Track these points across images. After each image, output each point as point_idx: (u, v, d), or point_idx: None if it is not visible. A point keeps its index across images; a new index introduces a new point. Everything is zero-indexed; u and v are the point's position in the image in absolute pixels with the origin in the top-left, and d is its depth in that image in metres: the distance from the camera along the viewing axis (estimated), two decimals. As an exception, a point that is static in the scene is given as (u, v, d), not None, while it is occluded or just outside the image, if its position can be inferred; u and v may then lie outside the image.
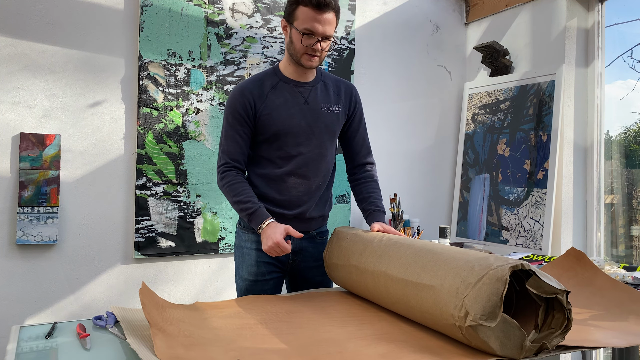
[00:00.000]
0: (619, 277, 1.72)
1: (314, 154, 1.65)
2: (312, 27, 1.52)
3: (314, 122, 1.64)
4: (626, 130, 2.65)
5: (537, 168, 2.65)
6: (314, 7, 1.50)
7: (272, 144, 1.62)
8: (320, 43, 1.55)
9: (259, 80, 1.64)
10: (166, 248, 2.37)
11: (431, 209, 3.15)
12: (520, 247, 2.68)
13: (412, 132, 3.08)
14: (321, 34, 1.53)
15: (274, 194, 1.64)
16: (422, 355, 1.05)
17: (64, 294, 2.19)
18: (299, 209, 1.66)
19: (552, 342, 1.04)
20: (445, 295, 1.07)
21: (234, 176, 1.59)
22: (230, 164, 1.60)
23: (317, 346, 1.11)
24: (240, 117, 1.59)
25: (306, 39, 1.54)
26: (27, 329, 1.28)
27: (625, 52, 2.57)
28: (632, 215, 2.61)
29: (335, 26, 1.56)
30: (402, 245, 1.33)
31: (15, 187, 2.10)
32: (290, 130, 1.61)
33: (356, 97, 1.75)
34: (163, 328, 1.13)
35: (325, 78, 1.72)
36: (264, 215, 1.55)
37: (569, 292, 1.03)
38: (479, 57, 3.09)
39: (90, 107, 2.24)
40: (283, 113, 1.61)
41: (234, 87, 1.62)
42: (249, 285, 1.68)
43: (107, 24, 2.27)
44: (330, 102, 1.68)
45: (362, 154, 1.77)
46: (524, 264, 1.01)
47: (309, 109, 1.64)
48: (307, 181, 1.66)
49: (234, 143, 1.61)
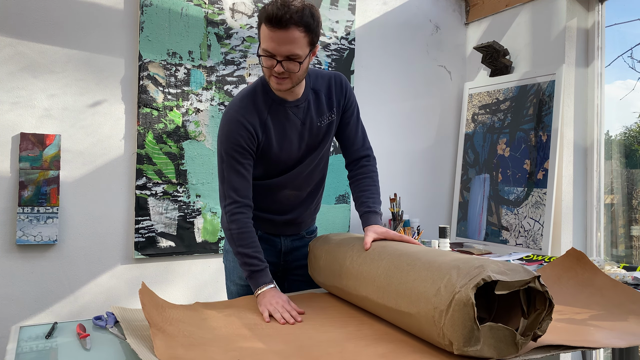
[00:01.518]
0: (619, 277, 1.72)
1: (309, 168, 1.59)
2: (267, 46, 1.34)
3: (312, 142, 1.56)
4: (627, 130, 2.64)
5: (537, 168, 2.65)
6: (268, 25, 1.32)
7: (268, 165, 1.54)
8: (283, 65, 1.35)
9: (252, 103, 1.48)
10: (166, 248, 2.37)
11: (431, 209, 3.15)
12: (520, 247, 2.68)
13: (412, 132, 3.08)
14: (281, 54, 1.34)
15: (265, 203, 1.60)
16: (422, 355, 1.05)
17: (64, 294, 2.20)
18: (290, 216, 1.63)
19: (542, 327, 1.04)
20: (425, 324, 1.06)
21: (245, 223, 1.46)
22: (240, 203, 1.46)
23: (317, 346, 1.11)
24: (243, 150, 1.46)
25: (265, 60, 1.37)
26: (27, 329, 1.28)
27: (625, 52, 2.57)
28: (632, 215, 2.61)
29: (305, 44, 1.36)
30: (373, 262, 1.30)
31: (15, 187, 2.10)
32: (289, 157, 1.54)
33: (346, 88, 1.60)
34: (163, 328, 1.13)
35: (315, 84, 1.56)
36: (266, 277, 1.44)
37: (539, 276, 1.03)
38: (479, 57, 3.09)
39: (90, 107, 2.24)
40: (283, 143, 1.51)
41: (229, 115, 1.47)
42: (240, 289, 1.63)
43: (107, 24, 2.27)
44: (324, 112, 1.56)
45: (356, 147, 1.64)
46: (485, 277, 0.99)
47: (306, 129, 1.54)
48: (300, 192, 1.61)
49: (240, 178, 1.47)
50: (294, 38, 1.33)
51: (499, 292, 1.00)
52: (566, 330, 1.20)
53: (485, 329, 0.99)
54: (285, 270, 1.71)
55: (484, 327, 0.99)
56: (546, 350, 1.06)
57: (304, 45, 1.36)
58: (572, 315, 1.33)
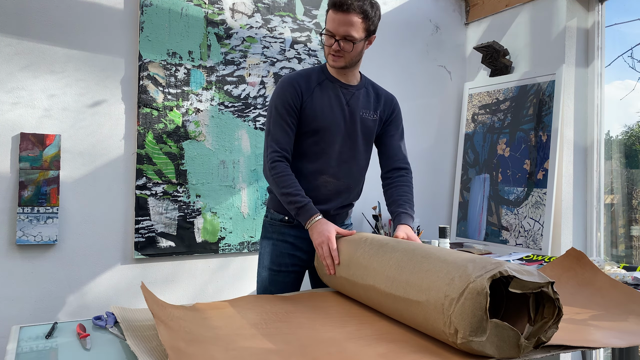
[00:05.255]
0: (619, 277, 1.72)
1: (347, 155, 1.71)
2: (330, 27, 1.59)
3: (351, 124, 1.70)
4: (629, 129, 2.64)
5: (537, 168, 2.65)
6: (333, 8, 1.57)
7: (310, 138, 1.67)
8: (340, 43, 1.58)
9: (306, 74, 1.69)
10: (166, 248, 2.37)
11: (431, 209, 3.15)
12: (520, 247, 2.68)
13: (412, 132, 3.08)
14: (339, 34, 1.58)
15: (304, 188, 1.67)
16: (422, 355, 1.05)
17: (64, 294, 2.19)
18: (325, 206, 1.70)
19: (547, 334, 1.04)
20: (433, 312, 1.07)
21: (284, 168, 1.61)
22: (280, 153, 1.62)
23: (317, 346, 1.11)
24: (290, 107, 1.64)
25: (326, 39, 1.62)
26: (27, 329, 1.28)
27: (625, 52, 2.57)
28: (632, 215, 2.61)
29: (361, 29, 1.58)
30: (385, 254, 1.31)
31: (15, 187, 2.10)
32: (329, 127, 1.66)
33: (395, 106, 1.80)
34: (165, 322, 1.13)
35: (369, 86, 1.77)
36: (312, 210, 1.58)
37: (554, 282, 1.03)
38: (479, 57, 3.09)
39: (90, 107, 2.24)
40: (325, 110, 1.66)
41: (283, 77, 1.69)
42: (272, 274, 1.73)
43: (107, 24, 2.27)
44: (369, 109, 1.73)
45: (397, 158, 1.79)
46: (502, 270, 0.99)
47: (349, 111, 1.69)
48: (337, 181, 1.71)
49: (283, 133, 1.63)
50: (352, 21, 1.56)
51: (512, 290, 1.00)
52: (566, 330, 1.20)
53: (492, 325, 0.99)
54: None
55: (491, 322, 0.99)
56: (546, 350, 1.06)
57: (360, 30, 1.58)
58: (572, 315, 1.33)
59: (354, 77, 1.72)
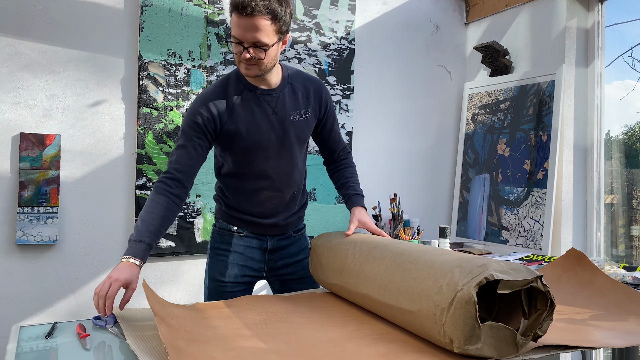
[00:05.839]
0: (619, 277, 1.72)
1: (285, 166, 1.59)
2: (235, 33, 1.38)
3: (283, 133, 1.55)
4: (630, 129, 2.64)
5: (537, 168, 2.65)
6: (235, 11, 1.35)
7: (242, 157, 1.54)
8: (250, 50, 1.38)
9: (222, 89, 1.51)
10: (166, 248, 2.37)
11: (431, 209, 3.15)
12: (520, 247, 2.68)
13: (412, 132, 3.08)
14: (247, 41, 1.37)
15: (248, 206, 1.61)
16: (422, 355, 1.05)
17: (64, 294, 2.19)
18: (275, 219, 1.64)
19: (543, 327, 1.04)
20: (426, 321, 1.06)
21: (160, 196, 1.41)
22: (171, 176, 1.44)
23: (317, 346, 1.11)
24: (199, 129, 1.47)
25: (234, 46, 1.41)
26: (27, 329, 1.28)
27: (625, 52, 2.57)
28: (632, 215, 2.61)
29: (272, 32, 1.38)
30: (375, 260, 1.30)
31: (15, 187, 2.10)
32: (259, 143, 1.52)
33: (326, 97, 1.65)
34: (166, 320, 1.13)
35: (293, 80, 1.59)
36: (137, 252, 1.34)
37: (542, 276, 1.03)
38: (479, 57, 3.09)
39: (90, 107, 2.24)
40: (250, 127, 1.51)
41: (198, 96, 1.52)
42: (218, 286, 1.63)
43: (107, 24, 2.27)
44: (299, 109, 1.58)
45: (339, 149, 1.75)
46: (487, 275, 0.99)
47: (277, 119, 1.54)
48: (281, 194, 1.61)
49: (185, 156, 1.47)
50: (259, 26, 1.35)
51: (501, 292, 1.00)
52: (566, 330, 1.20)
53: (485, 328, 0.99)
54: (271, 269, 1.70)
55: (485, 326, 0.99)
56: (546, 350, 1.06)
57: (270, 33, 1.38)
58: (572, 315, 1.33)
59: (274, 77, 1.53)
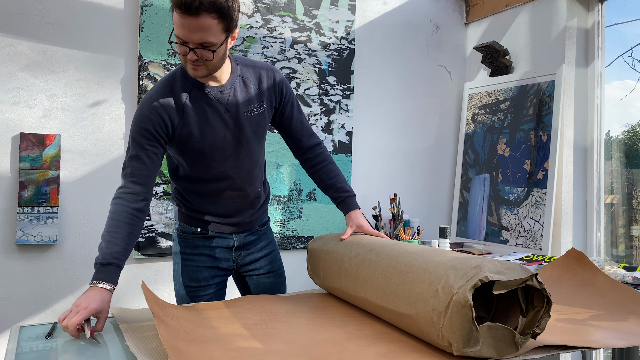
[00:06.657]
0: (619, 277, 1.72)
1: (245, 165, 1.53)
2: (179, 33, 1.28)
3: (239, 131, 1.48)
4: (630, 129, 2.64)
5: (537, 168, 2.65)
6: (178, 9, 1.25)
7: (198, 161, 1.47)
8: (197, 52, 1.29)
9: (169, 89, 1.42)
10: (166, 248, 2.37)
11: (431, 209, 3.15)
12: (520, 247, 2.68)
13: (412, 132, 3.08)
14: (193, 42, 1.28)
15: (210, 207, 1.56)
16: (422, 355, 1.06)
17: (64, 294, 2.19)
18: (240, 217, 1.60)
19: (541, 324, 1.04)
20: (424, 325, 1.07)
21: (121, 212, 1.33)
22: (129, 189, 1.37)
23: (317, 346, 1.11)
24: (150, 136, 1.38)
25: (178, 47, 1.31)
26: (27, 329, 1.28)
27: (625, 52, 2.57)
28: (632, 215, 2.61)
29: (219, 31, 1.29)
30: (371, 264, 1.30)
31: (15, 187, 2.10)
32: (214, 145, 1.46)
33: (281, 83, 1.55)
34: (165, 321, 1.13)
35: (243, 71, 1.50)
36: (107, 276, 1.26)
37: (537, 274, 1.03)
38: (479, 57, 3.09)
39: (90, 107, 2.24)
40: (204, 128, 1.43)
41: (144, 99, 1.41)
42: (190, 291, 1.59)
43: (107, 24, 2.27)
44: (253, 103, 1.49)
45: (306, 138, 1.63)
46: (482, 278, 0.99)
47: (231, 117, 1.46)
48: (243, 192, 1.56)
49: (140, 166, 1.38)
50: (205, 25, 1.25)
51: (497, 292, 1.00)
52: (566, 330, 1.20)
53: (484, 329, 0.99)
54: (240, 266, 1.67)
55: (483, 327, 0.99)
56: (546, 350, 1.06)
57: (218, 33, 1.29)
58: (572, 315, 1.33)
59: (223, 73, 1.44)
